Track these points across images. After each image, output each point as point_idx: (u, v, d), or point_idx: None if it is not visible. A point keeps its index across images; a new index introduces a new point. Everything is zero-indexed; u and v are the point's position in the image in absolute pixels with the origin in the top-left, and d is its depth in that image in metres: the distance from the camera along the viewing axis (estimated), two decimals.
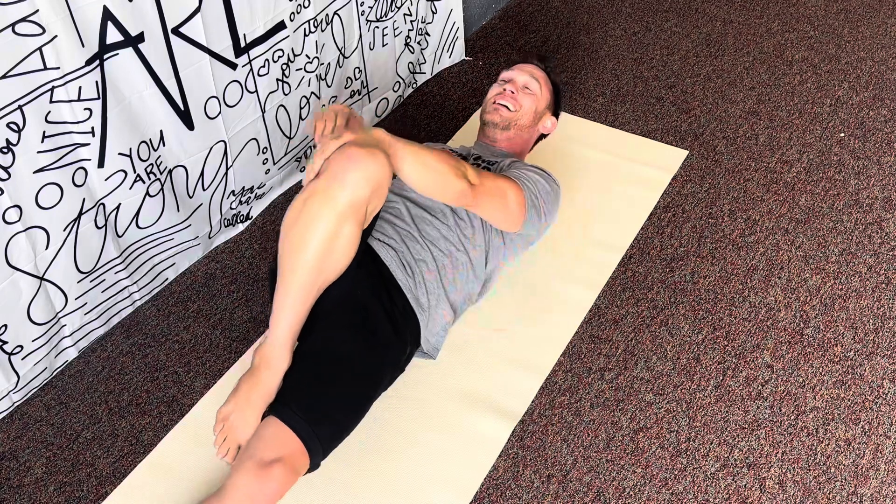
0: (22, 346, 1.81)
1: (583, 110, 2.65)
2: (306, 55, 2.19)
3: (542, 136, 2.23)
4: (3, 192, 1.62)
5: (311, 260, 1.58)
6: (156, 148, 1.90)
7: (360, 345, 1.66)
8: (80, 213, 1.80)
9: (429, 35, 2.70)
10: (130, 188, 1.88)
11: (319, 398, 1.59)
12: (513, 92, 2.11)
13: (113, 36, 1.68)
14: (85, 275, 1.88)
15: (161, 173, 1.94)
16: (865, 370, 1.90)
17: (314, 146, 1.77)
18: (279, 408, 1.59)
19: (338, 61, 2.33)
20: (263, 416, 1.62)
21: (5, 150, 1.60)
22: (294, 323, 1.62)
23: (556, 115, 2.21)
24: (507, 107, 2.09)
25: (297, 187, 2.41)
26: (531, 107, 2.12)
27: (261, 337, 1.71)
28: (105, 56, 1.69)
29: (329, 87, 2.35)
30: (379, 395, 1.73)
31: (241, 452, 1.58)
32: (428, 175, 1.66)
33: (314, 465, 1.57)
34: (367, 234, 1.68)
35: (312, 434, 1.55)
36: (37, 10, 1.53)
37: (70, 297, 1.88)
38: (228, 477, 1.53)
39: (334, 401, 1.61)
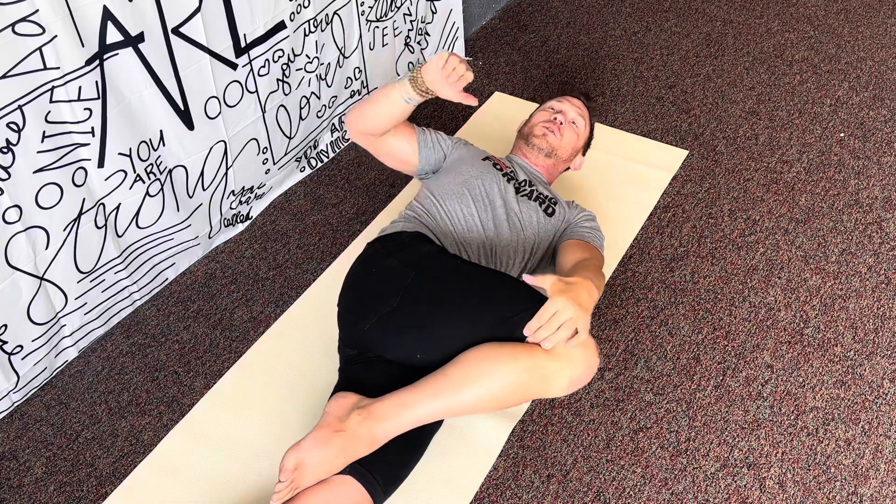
0: (22, 346, 1.81)
1: None
2: (306, 55, 2.19)
3: (566, 168, 2.23)
4: (3, 192, 1.62)
5: (483, 408, 1.58)
6: (156, 148, 1.90)
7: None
8: (80, 213, 1.80)
9: (429, 35, 2.70)
10: (130, 188, 1.88)
11: (399, 470, 1.62)
12: (562, 123, 2.11)
13: (113, 36, 1.68)
14: (85, 275, 1.88)
15: (161, 173, 1.94)
16: (865, 370, 1.90)
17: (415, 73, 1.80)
18: (366, 476, 1.55)
19: (338, 61, 2.34)
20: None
21: (5, 150, 1.60)
22: (422, 423, 1.61)
23: (583, 153, 2.23)
24: (553, 135, 2.09)
25: (298, 187, 2.42)
26: (573, 142, 2.13)
27: (351, 395, 1.60)
28: (105, 56, 1.69)
29: (329, 87, 2.35)
30: None
31: (306, 499, 1.54)
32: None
33: None
34: None
35: (384, 499, 1.59)
36: (37, 10, 1.53)
37: (70, 297, 1.88)
38: None
39: (410, 468, 1.65)
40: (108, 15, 1.65)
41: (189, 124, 1.93)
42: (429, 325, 1.64)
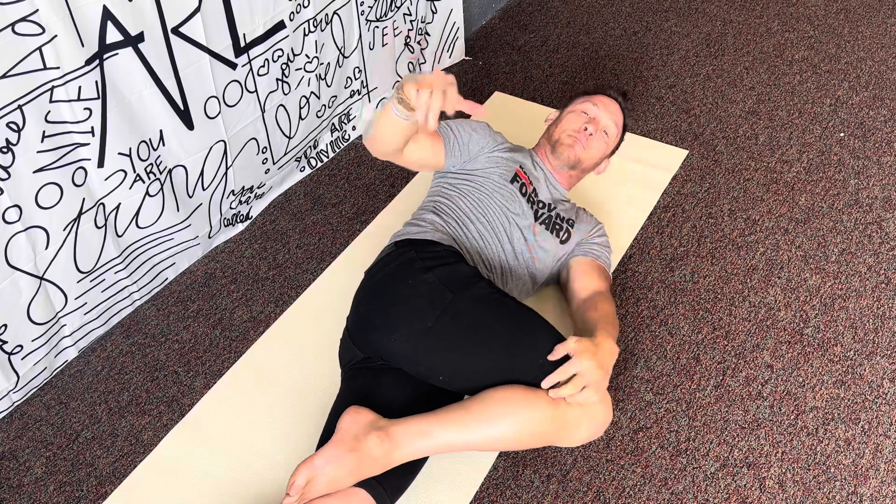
0: (22, 346, 1.81)
1: None
2: (306, 55, 2.19)
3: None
4: (2, 191, 1.62)
5: (499, 447, 1.63)
6: (156, 148, 1.90)
7: None
8: (80, 213, 1.80)
9: (429, 35, 2.70)
10: (130, 188, 1.88)
11: (405, 479, 1.62)
12: (591, 134, 2.01)
13: (113, 36, 1.68)
14: (85, 275, 1.88)
15: (161, 173, 1.94)
16: (865, 370, 1.90)
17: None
18: (376, 488, 1.55)
19: (338, 61, 2.34)
20: None
21: (5, 150, 1.60)
22: (438, 453, 1.63)
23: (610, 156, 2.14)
24: (580, 147, 2.00)
25: (298, 187, 2.42)
26: (602, 151, 2.05)
27: (366, 412, 1.57)
28: (105, 56, 1.69)
29: (329, 86, 2.35)
30: None
31: None
32: None
33: None
34: None
35: None
36: (36, 10, 1.53)
37: (70, 297, 1.88)
38: None
39: (414, 476, 1.65)
40: (107, 15, 1.65)
41: (189, 124, 1.93)
42: (464, 352, 1.63)
